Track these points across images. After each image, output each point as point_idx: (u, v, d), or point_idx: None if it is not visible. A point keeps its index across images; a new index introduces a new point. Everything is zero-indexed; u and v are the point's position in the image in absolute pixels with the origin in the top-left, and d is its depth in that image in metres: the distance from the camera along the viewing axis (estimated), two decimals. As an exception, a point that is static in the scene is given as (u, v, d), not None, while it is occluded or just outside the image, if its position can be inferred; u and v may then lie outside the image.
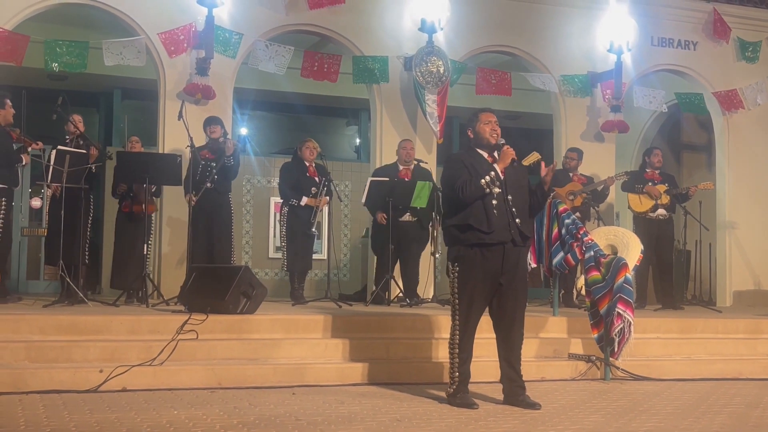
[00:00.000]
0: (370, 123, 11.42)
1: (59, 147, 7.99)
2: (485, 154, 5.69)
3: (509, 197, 5.59)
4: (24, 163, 8.07)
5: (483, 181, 5.47)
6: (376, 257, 9.71)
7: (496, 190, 5.52)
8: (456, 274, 5.62)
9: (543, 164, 5.70)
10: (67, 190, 7.91)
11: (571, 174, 10.12)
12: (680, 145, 14.48)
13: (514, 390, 5.67)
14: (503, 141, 5.66)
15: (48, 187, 8.16)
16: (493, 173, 5.52)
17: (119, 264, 9.01)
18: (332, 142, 14.43)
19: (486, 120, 5.69)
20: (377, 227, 9.52)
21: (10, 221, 8.12)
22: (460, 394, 5.61)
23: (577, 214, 9.51)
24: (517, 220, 5.57)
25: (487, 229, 5.50)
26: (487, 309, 5.76)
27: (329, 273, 9.24)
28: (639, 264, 8.04)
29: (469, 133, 5.77)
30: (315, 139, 9.48)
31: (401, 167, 9.62)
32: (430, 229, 9.58)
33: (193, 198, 8.57)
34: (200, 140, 8.97)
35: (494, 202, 5.52)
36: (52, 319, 6.52)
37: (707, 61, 12.31)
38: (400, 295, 9.30)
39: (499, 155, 5.64)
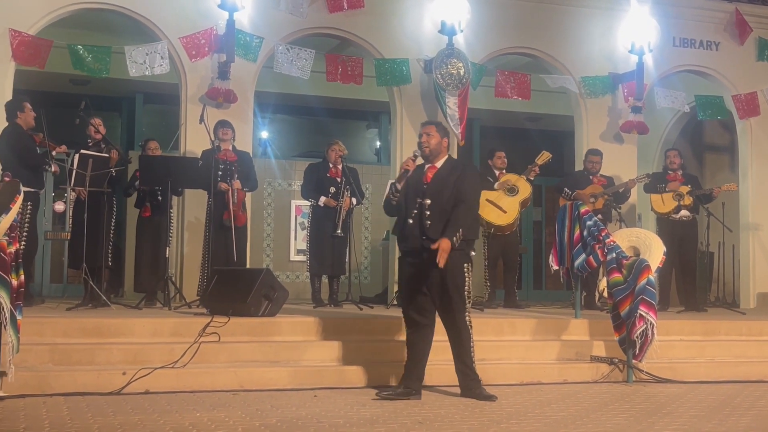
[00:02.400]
0: (391, 126, 11.42)
1: (82, 151, 8.05)
2: (426, 164, 6.07)
3: (427, 201, 5.87)
4: (53, 170, 8.11)
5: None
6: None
7: (427, 201, 5.85)
8: (399, 275, 6.16)
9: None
10: (90, 193, 7.97)
11: (591, 177, 10.06)
12: (702, 146, 14.38)
13: (468, 384, 5.95)
14: (415, 154, 6.03)
15: (73, 190, 8.22)
16: (394, 189, 5.96)
17: (141, 267, 9.04)
18: (353, 145, 14.42)
19: (419, 132, 6.09)
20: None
21: (35, 224, 8.19)
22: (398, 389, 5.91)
23: (599, 215, 9.46)
24: (427, 222, 5.83)
25: (401, 238, 6.00)
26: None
27: (350, 276, 9.24)
28: (661, 266, 7.99)
29: None
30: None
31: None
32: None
33: (227, 185, 8.60)
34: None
35: (414, 212, 5.89)
36: (75, 322, 6.56)
37: (729, 62, 12.22)
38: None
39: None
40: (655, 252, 7.59)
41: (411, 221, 5.88)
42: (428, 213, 5.86)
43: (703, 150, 14.39)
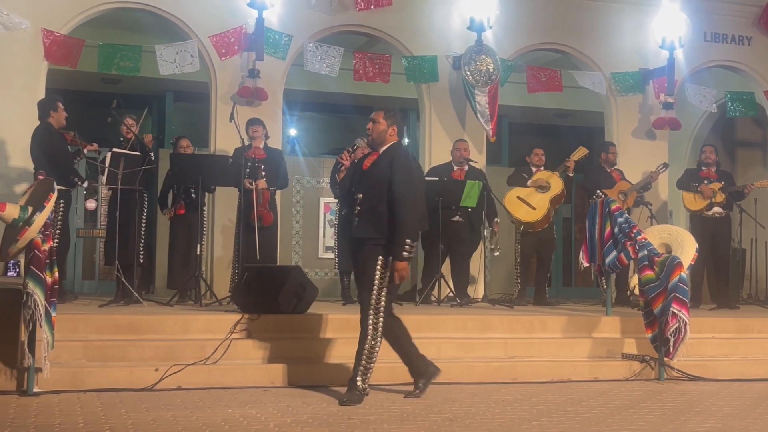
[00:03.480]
0: (419, 123, 11.40)
1: (114, 149, 8.13)
2: (369, 150, 5.90)
3: (359, 195, 5.64)
4: (84, 185, 8.21)
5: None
6: (424, 254, 9.69)
7: (359, 196, 5.61)
8: None
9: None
10: (122, 191, 8.04)
11: (608, 170, 9.98)
12: (734, 142, 14.23)
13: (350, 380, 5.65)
14: (356, 144, 6.04)
15: (105, 188, 8.30)
16: (353, 190, 5.75)
17: (174, 265, 9.07)
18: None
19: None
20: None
21: (67, 222, 8.28)
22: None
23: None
24: (355, 219, 5.63)
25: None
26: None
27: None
28: (693, 263, 7.93)
29: None
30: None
31: (455, 167, 9.61)
32: (481, 229, 9.58)
33: (250, 184, 8.61)
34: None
35: (357, 198, 5.67)
36: (108, 319, 6.62)
37: (761, 57, 12.07)
38: (450, 294, 9.28)
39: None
40: (687, 249, 7.55)
41: (344, 212, 5.78)
42: (358, 208, 5.64)
43: (735, 146, 14.24)
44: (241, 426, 4.74)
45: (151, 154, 8.39)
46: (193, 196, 8.78)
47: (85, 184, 8.24)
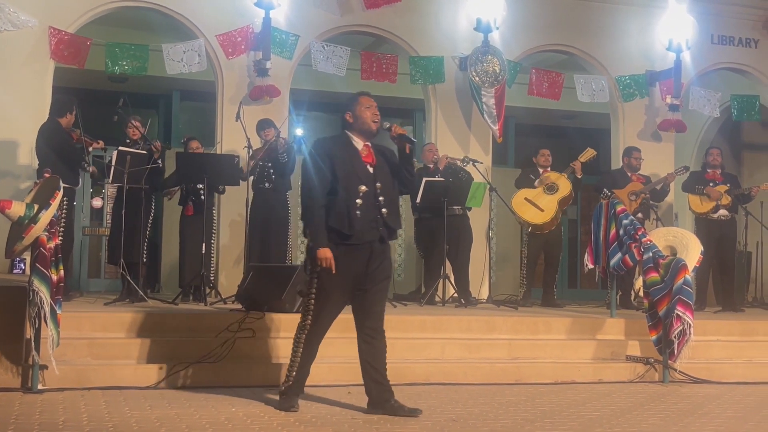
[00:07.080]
0: (425, 123, 11.41)
1: (120, 148, 8.14)
2: (361, 142, 5.38)
3: (378, 185, 5.22)
4: (90, 170, 8.22)
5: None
6: (424, 254, 9.72)
7: (363, 188, 5.14)
8: (318, 271, 5.20)
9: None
10: (128, 190, 8.05)
11: (630, 174, 9.97)
12: (741, 144, 14.21)
13: (383, 395, 5.21)
14: (387, 125, 5.42)
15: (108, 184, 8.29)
16: (364, 187, 5.15)
17: (185, 264, 9.03)
18: (387, 143, 14.42)
19: (368, 104, 5.44)
20: (421, 225, 9.61)
21: (71, 220, 8.30)
22: (287, 396, 5.22)
23: (639, 214, 9.39)
24: (383, 210, 5.17)
25: (348, 231, 5.09)
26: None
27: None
28: (699, 265, 7.92)
29: (348, 117, 5.45)
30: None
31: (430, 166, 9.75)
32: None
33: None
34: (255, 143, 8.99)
35: (359, 201, 5.12)
36: (113, 317, 6.63)
37: (768, 60, 12.08)
38: (455, 295, 9.28)
39: (394, 138, 5.39)
40: (692, 251, 7.55)
41: (360, 213, 5.12)
42: (380, 197, 5.21)
43: (742, 148, 14.23)
44: (245, 425, 4.75)
45: (159, 162, 8.36)
46: (202, 197, 8.78)
47: (91, 169, 8.22)
